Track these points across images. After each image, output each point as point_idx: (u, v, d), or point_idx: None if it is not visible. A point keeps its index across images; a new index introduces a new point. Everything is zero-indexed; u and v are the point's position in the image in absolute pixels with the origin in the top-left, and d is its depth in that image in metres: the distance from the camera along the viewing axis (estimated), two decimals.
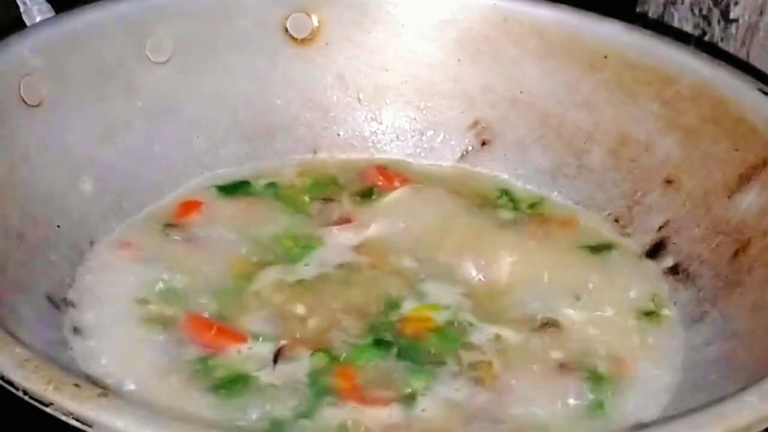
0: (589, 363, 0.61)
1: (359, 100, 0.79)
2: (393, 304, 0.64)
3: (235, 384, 0.58)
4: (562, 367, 0.61)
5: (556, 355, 0.62)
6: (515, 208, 0.74)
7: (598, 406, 0.59)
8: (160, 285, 0.64)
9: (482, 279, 0.67)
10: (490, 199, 0.74)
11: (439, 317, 0.63)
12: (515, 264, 0.67)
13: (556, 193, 0.75)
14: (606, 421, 0.58)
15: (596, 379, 0.60)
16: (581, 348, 0.62)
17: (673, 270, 0.68)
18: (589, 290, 0.66)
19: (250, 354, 0.60)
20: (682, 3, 0.89)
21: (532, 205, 0.74)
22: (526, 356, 0.61)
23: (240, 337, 0.61)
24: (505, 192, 0.75)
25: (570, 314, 0.64)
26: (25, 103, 0.65)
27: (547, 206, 0.74)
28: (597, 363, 0.61)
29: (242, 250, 0.67)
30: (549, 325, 0.63)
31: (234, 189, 0.73)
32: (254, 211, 0.71)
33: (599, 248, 0.70)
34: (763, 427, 0.47)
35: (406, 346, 0.61)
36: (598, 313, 0.65)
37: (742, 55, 0.85)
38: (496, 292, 0.66)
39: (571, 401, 0.59)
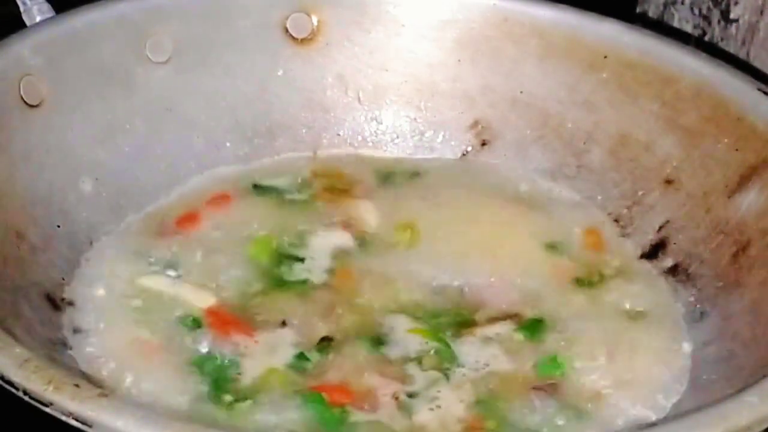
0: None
1: (359, 100, 0.79)
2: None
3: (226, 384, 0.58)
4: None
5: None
6: None
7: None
8: (160, 284, 0.64)
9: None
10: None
11: None
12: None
13: (556, 193, 0.75)
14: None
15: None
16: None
17: (673, 270, 0.68)
18: None
19: (250, 353, 0.60)
20: (682, 3, 0.89)
21: None
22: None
23: (249, 332, 0.61)
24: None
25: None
26: (25, 103, 0.65)
27: None
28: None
29: (241, 252, 0.67)
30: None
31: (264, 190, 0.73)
32: (254, 212, 0.71)
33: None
34: (763, 427, 0.47)
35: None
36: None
37: (742, 55, 0.85)
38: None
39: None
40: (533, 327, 0.63)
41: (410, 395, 0.58)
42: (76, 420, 0.44)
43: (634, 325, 0.64)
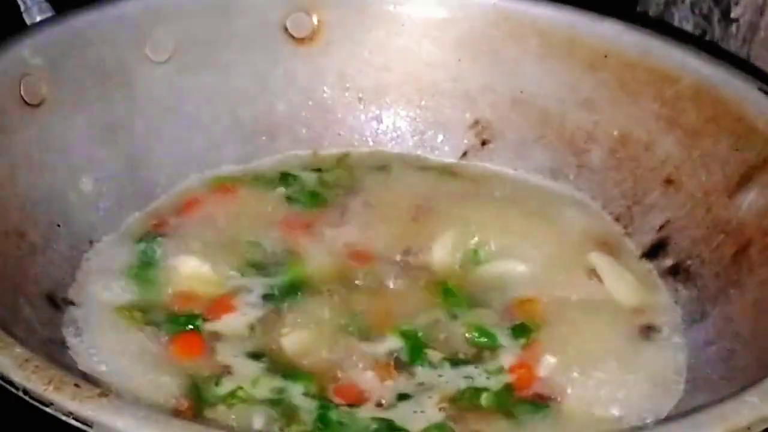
0: None
1: (360, 99, 0.79)
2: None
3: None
4: None
5: None
6: None
7: None
8: (160, 285, 0.64)
9: None
10: None
11: None
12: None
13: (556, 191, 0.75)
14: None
15: None
16: None
17: (673, 270, 0.68)
18: None
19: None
20: (683, 3, 0.89)
21: None
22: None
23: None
24: None
25: None
26: (25, 103, 0.65)
27: None
28: None
29: (241, 250, 0.67)
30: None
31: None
32: (253, 210, 0.71)
33: None
34: (763, 427, 0.47)
35: None
36: None
37: (742, 54, 0.85)
38: None
39: None
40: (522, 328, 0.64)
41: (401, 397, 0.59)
42: (76, 420, 0.44)
43: (633, 325, 0.64)
